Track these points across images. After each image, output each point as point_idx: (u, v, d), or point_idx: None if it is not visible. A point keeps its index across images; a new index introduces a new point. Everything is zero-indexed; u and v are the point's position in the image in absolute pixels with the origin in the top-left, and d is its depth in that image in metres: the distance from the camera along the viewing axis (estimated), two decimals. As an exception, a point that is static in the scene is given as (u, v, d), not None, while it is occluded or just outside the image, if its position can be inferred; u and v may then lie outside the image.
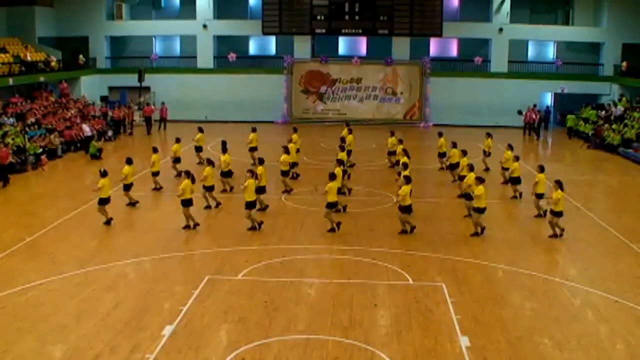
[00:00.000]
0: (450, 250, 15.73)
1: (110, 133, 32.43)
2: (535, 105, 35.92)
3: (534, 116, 35.22)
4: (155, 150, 21.38)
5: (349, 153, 23.78)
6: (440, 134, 25.27)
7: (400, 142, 23.53)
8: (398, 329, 11.35)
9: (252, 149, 24.79)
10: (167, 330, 11.14)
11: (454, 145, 22.68)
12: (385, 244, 16.14)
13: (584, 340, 11.05)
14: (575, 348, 10.78)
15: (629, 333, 11.39)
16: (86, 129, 30.18)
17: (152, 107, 36.42)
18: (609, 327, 11.66)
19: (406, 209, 16.60)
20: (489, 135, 25.01)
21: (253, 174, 17.19)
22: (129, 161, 19.42)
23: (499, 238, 16.88)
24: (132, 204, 19.28)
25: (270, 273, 14.06)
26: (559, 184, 16.58)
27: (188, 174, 17.20)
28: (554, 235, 16.70)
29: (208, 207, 19.02)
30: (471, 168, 18.44)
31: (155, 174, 21.15)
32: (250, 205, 16.95)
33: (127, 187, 19.25)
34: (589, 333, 11.39)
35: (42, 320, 11.47)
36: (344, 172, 20.59)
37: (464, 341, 10.88)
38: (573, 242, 16.60)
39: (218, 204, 19.22)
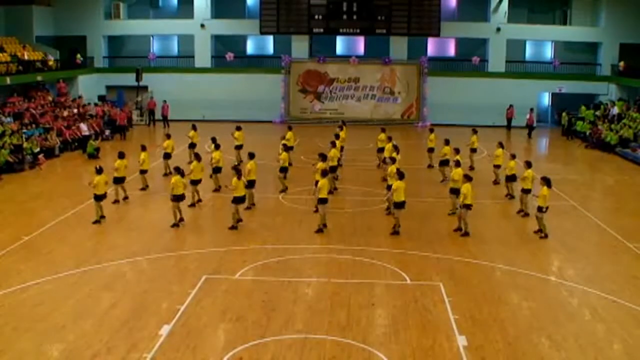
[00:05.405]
0: (447, 249, 15.73)
1: (107, 132, 32.38)
2: (511, 106, 36.69)
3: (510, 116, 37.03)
4: (143, 148, 21.36)
5: (341, 149, 23.67)
6: (431, 130, 25.61)
7: (390, 139, 23.14)
8: (396, 329, 11.34)
9: (238, 147, 24.88)
10: (165, 329, 11.12)
11: (447, 142, 22.63)
12: (383, 243, 16.13)
13: (582, 340, 11.05)
14: (573, 347, 10.79)
15: (627, 333, 11.39)
16: (84, 128, 30.15)
17: (155, 101, 37.63)
18: (606, 326, 11.67)
19: (399, 205, 16.61)
20: (474, 131, 25.13)
21: (238, 172, 17.09)
22: (121, 155, 19.62)
23: (497, 237, 16.88)
24: (117, 201, 19.37)
25: (268, 272, 14.06)
26: (546, 181, 16.57)
27: (178, 170, 17.40)
28: (540, 231, 16.74)
29: (192, 204, 19.08)
30: (457, 164, 18.62)
31: (144, 172, 21.16)
32: (237, 200, 16.95)
33: (119, 181, 19.40)
34: (587, 332, 11.40)
35: (39, 320, 11.44)
36: (334, 168, 20.80)
37: (462, 340, 10.88)
38: (570, 242, 16.60)
39: (199, 200, 19.42)
